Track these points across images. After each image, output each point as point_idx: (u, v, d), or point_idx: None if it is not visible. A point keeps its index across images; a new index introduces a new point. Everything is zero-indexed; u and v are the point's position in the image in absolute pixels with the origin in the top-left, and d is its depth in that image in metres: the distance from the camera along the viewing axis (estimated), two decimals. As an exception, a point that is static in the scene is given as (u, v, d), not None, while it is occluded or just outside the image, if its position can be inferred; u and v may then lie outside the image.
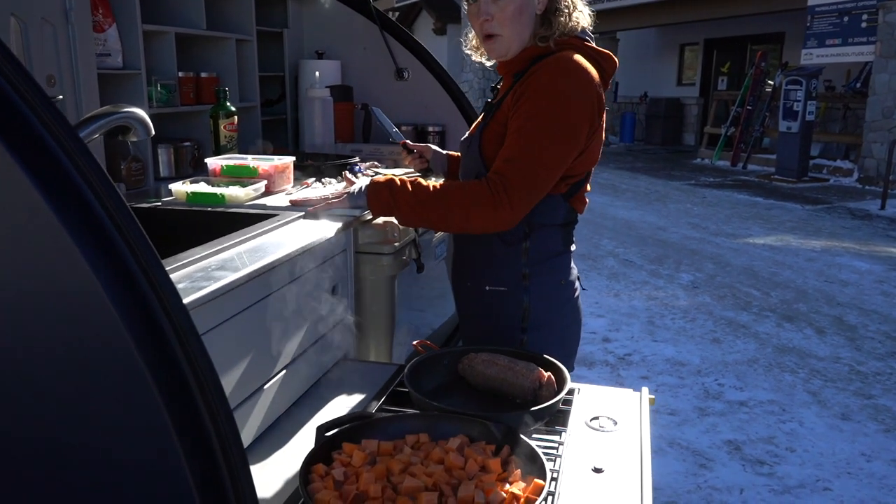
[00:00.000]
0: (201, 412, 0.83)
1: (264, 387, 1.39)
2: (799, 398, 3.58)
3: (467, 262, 1.75)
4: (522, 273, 1.68)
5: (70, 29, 1.88)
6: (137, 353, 0.78)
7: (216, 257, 1.35)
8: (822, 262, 6.19)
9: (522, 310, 1.70)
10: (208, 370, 0.84)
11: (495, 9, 1.54)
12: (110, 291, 0.78)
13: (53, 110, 0.78)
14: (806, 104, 10.39)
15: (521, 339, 1.71)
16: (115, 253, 0.80)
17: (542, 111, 1.50)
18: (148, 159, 2.19)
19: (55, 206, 0.76)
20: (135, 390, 0.80)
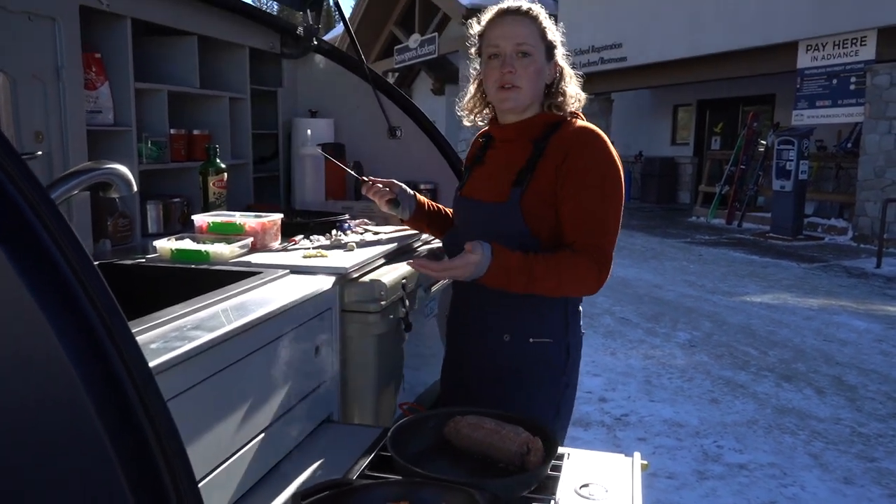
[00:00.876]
0: (164, 479, 0.79)
1: (241, 451, 1.34)
2: (800, 461, 3.49)
3: (503, 317, 1.76)
4: (565, 323, 1.78)
5: (60, 86, 1.89)
6: (97, 417, 0.75)
7: (194, 316, 1.31)
8: (820, 320, 6.15)
9: (566, 358, 1.79)
10: (174, 439, 0.80)
11: (520, 64, 1.68)
12: (71, 353, 0.74)
13: (23, 169, 0.76)
14: (798, 163, 10.52)
15: (565, 386, 1.80)
16: (78, 312, 0.77)
17: (606, 180, 1.66)
18: (136, 215, 2.18)
19: (18, 264, 0.73)
20: (92, 454, 0.76)
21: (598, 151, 1.67)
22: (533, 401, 1.77)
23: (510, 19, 1.71)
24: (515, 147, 1.75)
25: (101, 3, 1.99)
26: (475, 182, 1.84)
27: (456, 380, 1.93)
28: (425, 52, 18.34)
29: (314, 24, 2.92)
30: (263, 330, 1.39)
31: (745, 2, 11.38)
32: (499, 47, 1.69)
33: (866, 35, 10.04)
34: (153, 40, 2.44)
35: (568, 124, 1.73)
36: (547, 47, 1.72)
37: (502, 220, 1.69)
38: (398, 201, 1.94)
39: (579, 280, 1.64)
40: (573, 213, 1.65)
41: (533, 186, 1.67)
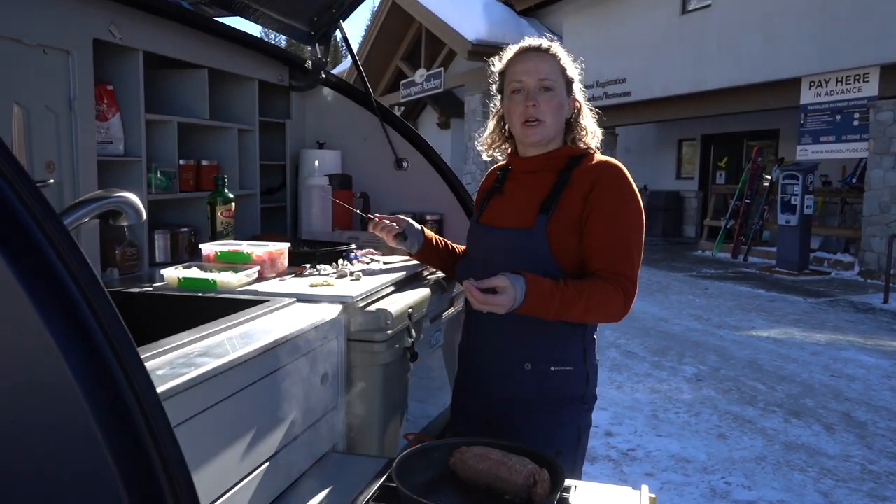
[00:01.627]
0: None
1: (246, 479, 1.32)
2: (810, 499, 3.44)
3: (523, 346, 1.77)
4: (583, 350, 1.81)
5: (73, 117, 1.91)
6: (105, 445, 0.75)
7: (201, 343, 1.31)
8: (828, 355, 6.10)
9: (586, 385, 1.81)
10: (180, 465, 0.80)
11: (543, 98, 1.74)
12: (80, 378, 0.75)
13: (38, 195, 0.77)
14: (804, 198, 10.53)
15: (586, 411, 1.84)
16: (87, 337, 0.77)
17: (632, 211, 1.73)
18: (143, 245, 2.19)
19: (30, 289, 0.74)
20: (99, 481, 0.75)
21: (624, 184, 1.74)
22: (558, 428, 1.79)
23: (533, 55, 1.78)
24: (539, 177, 1.80)
25: (114, 36, 2.03)
26: (495, 211, 1.86)
27: (472, 409, 1.91)
28: (431, 87, 18.56)
29: (322, 58, 2.97)
30: (269, 358, 1.39)
31: (749, 38, 11.52)
32: (522, 82, 1.75)
33: (869, 72, 10.13)
34: (164, 73, 2.48)
35: (591, 157, 1.81)
36: (566, 82, 1.79)
37: (527, 246, 1.72)
38: (405, 235, 1.96)
39: (606, 306, 1.67)
40: (600, 241, 1.70)
41: (558, 214, 1.72)
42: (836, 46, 10.28)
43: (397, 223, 1.97)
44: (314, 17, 2.83)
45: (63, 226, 0.79)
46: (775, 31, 11.11)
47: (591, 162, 1.79)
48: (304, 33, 2.88)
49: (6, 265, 0.73)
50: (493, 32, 15.86)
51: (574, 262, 1.73)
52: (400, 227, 1.96)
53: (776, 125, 13.87)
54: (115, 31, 2.02)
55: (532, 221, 1.73)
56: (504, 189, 1.89)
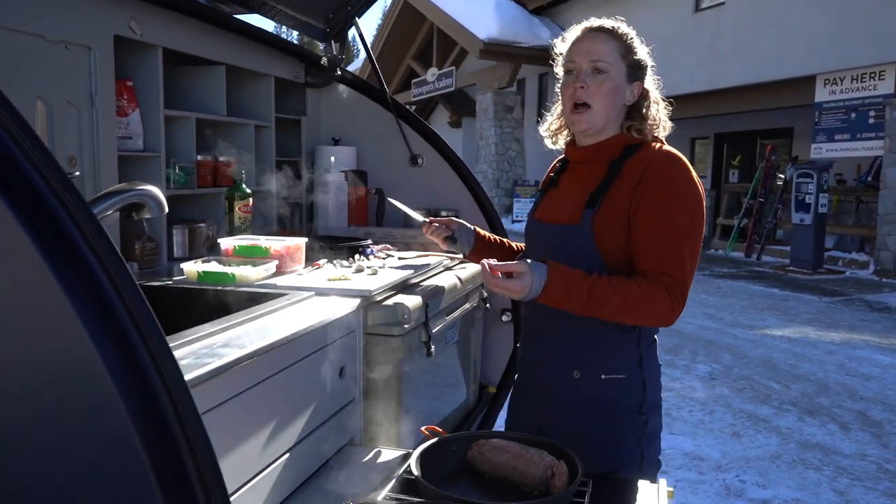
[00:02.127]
0: (196, 495, 0.80)
1: (266, 470, 1.34)
2: (826, 497, 3.42)
3: (571, 352, 1.67)
4: (639, 356, 1.68)
5: (94, 113, 1.94)
6: (134, 429, 0.76)
7: (222, 335, 1.33)
8: (843, 354, 6.05)
9: (642, 393, 1.68)
10: (206, 450, 0.81)
11: (593, 81, 1.62)
12: (110, 364, 0.76)
13: (71, 188, 0.78)
14: (818, 197, 10.46)
15: (644, 424, 1.69)
16: (117, 324, 0.78)
17: (683, 207, 1.59)
18: (162, 239, 2.21)
19: (62, 279, 0.75)
20: (128, 465, 0.77)
21: (676, 175, 1.61)
22: (614, 442, 1.66)
23: (591, 36, 1.67)
24: (591, 169, 1.69)
25: (135, 32, 2.05)
26: (548, 205, 1.78)
27: (526, 416, 1.82)
28: (443, 86, 18.57)
29: (338, 55, 2.98)
30: (289, 350, 1.41)
31: (763, 35, 11.45)
32: (574, 63, 1.65)
33: (885, 69, 10.04)
34: (183, 69, 2.50)
35: (648, 147, 1.67)
36: (628, 67, 1.66)
37: (573, 244, 1.63)
38: (455, 238, 1.92)
39: (647, 307, 1.53)
40: (646, 239, 1.58)
41: (605, 209, 1.61)
42: (851, 44, 10.20)
43: (448, 225, 1.93)
44: (330, 14, 2.84)
45: (93, 215, 0.80)
46: (789, 29, 11.04)
47: (646, 152, 1.64)
48: (319, 30, 2.90)
49: (38, 254, 0.74)
50: (505, 31, 15.84)
51: (622, 261, 1.61)
52: (450, 228, 1.92)
53: (790, 123, 13.77)
54: (136, 27, 2.04)
55: (578, 217, 1.63)
56: (559, 182, 1.79)
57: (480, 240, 1.96)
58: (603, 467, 1.58)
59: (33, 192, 0.77)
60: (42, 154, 0.77)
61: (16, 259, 0.74)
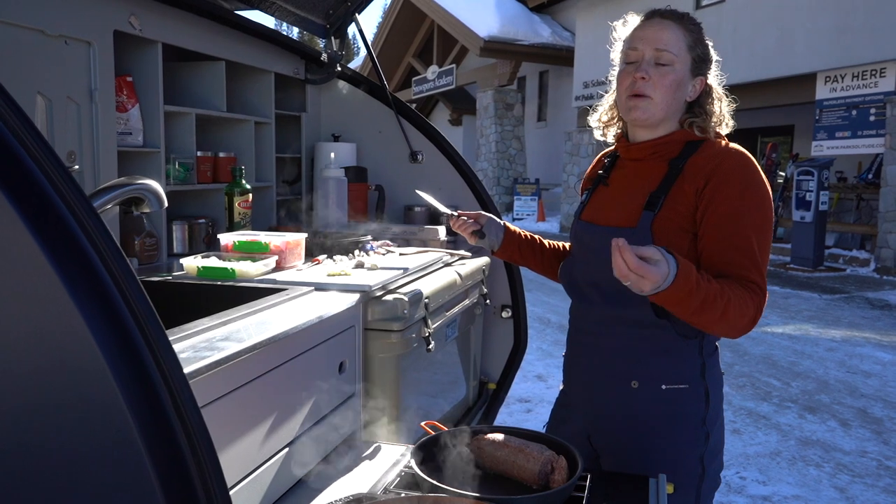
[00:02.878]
0: (195, 487, 0.80)
1: (266, 464, 1.34)
2: (826, 494, 3.42)
3: (629, 360, 1.57)
4: (702, 364, 1.57)
5: (94, 108, 1.93)
6: (134, 423, 0.76)
7: (222, 329, 1.33)
8: (843, 352, 6.05)
9: (705, 405, 1.57)
10: (206, 444, 0.81)
11: (655, 72, 1.51)
12: (111, 359, 0.76)
13: (71, 182, 0.78)
14: (819, 194, 10.45)
15: (705, 437, 1.58)
16: (117, 317, 0.78)
17: (756, 209, 1.47)
18: (162, 235, 2.21)
19: (62, 272, 0.75)
20: (127, 458, 0.77)
21: (746, 175, 1.49)
22: (673, 457, 1.56)
23: (657, 22, 1.54)
24: (647, 167, 1.57)
25: (135, 28, 2.05)
26: (599, 205, 1.65)
27: (573, 426, 1.72)
28: (443, 84, 18.56)
29: (338, 51, 2.98)
30: (289, 344, 1.41)
31: (764, 33, 11.44)
32: (637, 51, 1.53)
33: (885, 67, 10.04)
34: (183, 65, 2.50)
35: (711, 144, 1.55)
36: (694, 60, 1.54)
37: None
38: (483, 233, 1.81)
39: (739, 317, 1.40)
40: (720, 245, 1.46)
41: (666, 211, 1.49)
42: (852, 41, 10.19)
43: (477, 219, 1.82)
44: (329, 10, 2.84)
45: (93, 208, 0.80)
46: (790, 26, 11.03)
47: (709, 150, 1.52)
48: (319, 26, 2.90)
49: (39, 247, 0.74)
50: (506, 29, 15.84)
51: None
52: (479, 223, 1.81)
53: (791, 121, 13.76)
54: (136, 22, 2.04)
55: (636, 219, 1.51)
56: (610, 180, 1.66)
57: (511, 236, 1.84)
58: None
59: (34, 186, 0.77)
60: (43, 148, 0.77)
61: (16, 252, 0.74)
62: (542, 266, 1.88)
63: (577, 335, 1.69)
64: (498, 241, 1.83)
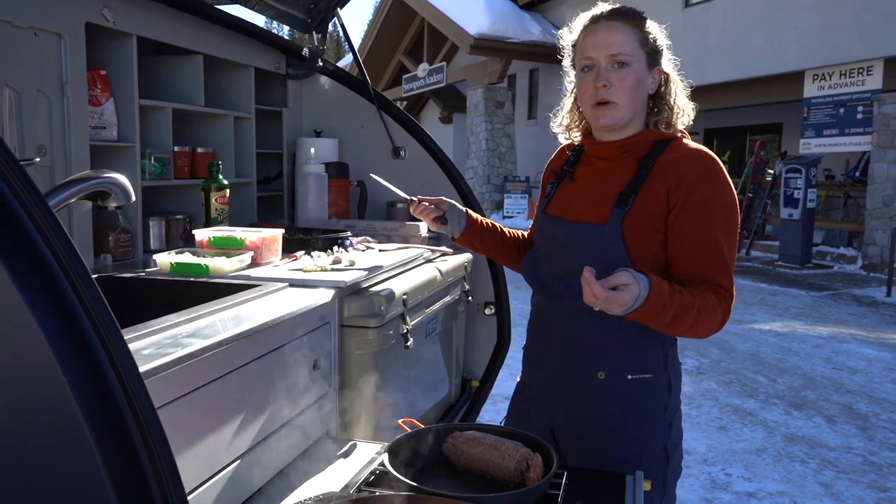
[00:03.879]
0: (151, 488, 0.77)
1: (236, 462, 1.31)
2: (811, 490, 3.42)
3: (596, 352, 1.58)
4: (664, 355, 1.60)
5: (65, 101, 1.90)
6: (85, 422, 0.73)
7: (189, 325, 1.30)
8: (830, 348, 6.07)
9: (668, 394, 1.60)
10: (162, 444, 0.78)
11: (615, 77, 1.51)
12: (61, 356, 0.73)
13: (21, 174, 0.76)
14: (806, 192, 10.49)
15: (668, 426, 1.60)
16: (67, 310, 0.75)
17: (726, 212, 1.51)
18: (138, 231, 2.18)
19: (11, 267, 0.72)
20: (79, 460, 0.74)
21: (716, 179, 1.51)
22: (639, 446, 1.58)
23: (604, 25, 1.54)
24: (616, 166, 1.58)
25: (108, 20, 2.01)
26: (565, 200, 1.65)
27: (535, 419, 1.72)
28: (433, 81, 18.52)
29: (319, 46, 2.95)
30: (260, 340, 1.38)
31: (752, 31, 11.47)
32: (592, 59, 1.53)
33: (873, 65, 10.08)
34: (159, 59, 2.46)
35: (678, 144, 1.57)
36: (648, 53, 1.55)
37: (599, 246, 1.52)
38: (446, 219, 1.78)
39: (708, 322, 1.45)
40: (692, 247, 1.49)
41: (636, 210, 1.51)
42: (840, 39, 10.23)
43: (438, 205, 1.78)
44: (311, 4, 2.81)
45: (41, 196, 0.78)
46: (778, 24, 11.07)
47: (677, 151, 1.55)
48: (300, 21, 2.86)
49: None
50: (496, 27, 15.81)
51: (651, 267, 1.49)
52: (441, 209, 1.78)
53: (779, 119, 13.81)
54: (108, 14, 2.00)
55: (606, 217, 1.52)
56: (576, 175, 1.66)
57: (472, 223, 1.81)
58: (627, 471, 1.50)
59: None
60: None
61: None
62: (502, 255, 1.87)
63: (543, 328, 1.69)
64: (460, 227, 1.80)
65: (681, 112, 1.61)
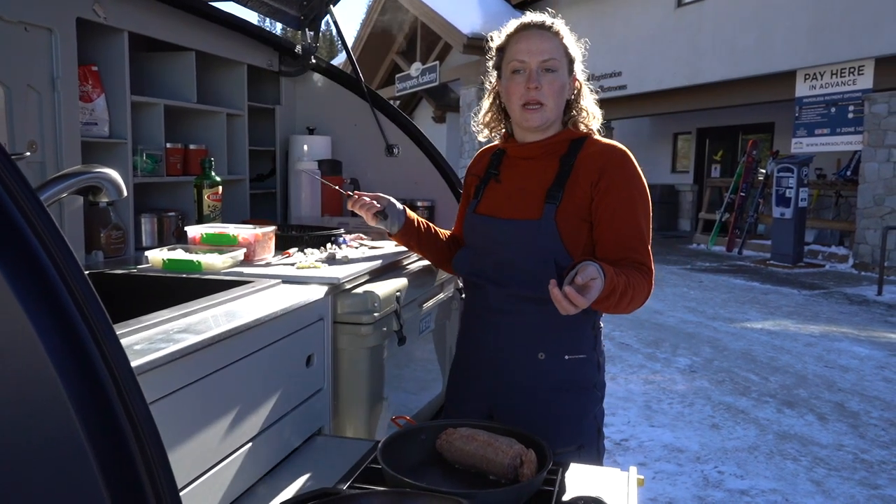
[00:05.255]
0: (143, 483, 0.76)
1: (228, 458, 1.30)
2: (802, 487, 3.43)
3: (535, 336, 1.71)
4: (594, 338, 1.77)
5: (56, 97, 1.89)
6: (76, 417, 0.72)
7: (181, 321, 1.29)
8: (821, 347, 6.10)
9: (597, 372, 1.77)
10: (154, 439, 0.77)
11: (545, 80, 1.65)
12: (52, 350, 0.72)
13: (12, 167, 0.75)
14: (798, 191, 10.54)
15: (598, 398, 1.79)
16: (58, 304, 0.75)
17: (642, 197, 1.67)
18: (129, 228, 2.16)
19: (2, 261, 0.71)
20: (70, 456, 0.73)
21: (632, 169, 1.68)
22: (578, 421, 1.74)
23: (536, 33, 1.68)
24: (539, 164, 1.71)
25: (99, 15, 2.00)
26: (494, 200, 1.76)
27: (474, 403, 1.82)
28: (427, 81, 18.50)
29: (312, 43, 2.94)
30: (252, 337, 1.37)
31: (744, 31, 11.50)
32: (523, 63, 1.66)
33: (864, 64, 10.13)
34: (151, 55, 2.45)
35: (593, 141, 1.73)
36: (569, 62, 1.71)
37: (536, 238, 1.64)
38: (386, 214, 1.84)
39: (640, 299, 1.61)
40: (617, 231, 1.64)
41: (566, 203, 1.64)
42: (831, 39, 10.27)
43: (378, 201, 1.85)
44: (304, 1, 2.80)
45: (31, 190, 0.77)
46: (770, 24, 11.10)
47: (594, 147, 1.70)
48: (293, 18, 2.85)
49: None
50: (489, 26, 15.78)
51: (584, 253, 1.65)
52: (381, 205, 1.84)
53: (771, 118, 13.87)
54: (99, 10, 1.99)
55: (539, 212, 1.65)
56: (501, 176, 1.78)
57: (410, 221, 1.89)
58: (568, 444, 1.70)
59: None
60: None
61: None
62: (436, 253, 1.97)
63: (484, 314, 1.77)
64: (399, 223, 1.88)
65: (592, 116, 1.76)
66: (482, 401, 1.80)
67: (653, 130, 16.97)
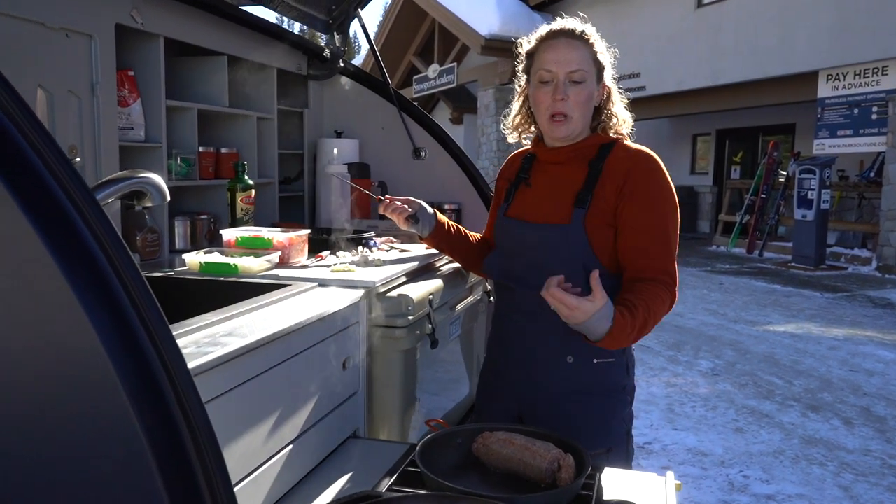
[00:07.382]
0: (199, 485, 0.78)
1: (269, 462, 1.32)
2: (830, 493, 3.40)
3: (563, 339, 1.69)
4: None
5: (95, 102, 1.92)
6: (136, 418, 0.74)
7: (225, 324, 1.31)
8: (846, 350, 6.04)
9: (626, 375, 1.77)
10: (210, 441, 0.79)
11: (573, 91, 1.64)
12: (112, 352, 0.74)
13: (74, 174, 0.77)
14: (820, 193, 10.43)
15: (627, 402, 1.78)
16: (119, 310, 0.76)
17: (668, 203, 1.67)
18: (164, 231, 2.19)
19: (63, 264, 0.73)
20: (131, 457, 0.75)
21: (660, 175, 1.67)
22: (607, 424, 1.75)
23: (564, 42, 1.67)
24: (568, 169, 1.72)
25: (136, 21, 2.03)
26: (525, 204, 1.78)
27: (504, 405, 1.84)
28: (444, 82, 18.52)
29: (340, 47, 2.96)
30: (293, 340, 1.39)
31: (765, 31, 11.41)
32: (551, 73, 1.65)
33: (887, 65, 10.01)
34: (184, 60, 2.48)
35: (622, 146, 1.72)
36: (598, 70, 1.70)
37: (565, 243, 1.65)
38: (417, 218, 1.90)
39: (659, 315, 1.60)
40: (640, 239, 1.63)
41: (594, 208, 1.65)
42: (854, 39, 10.16)
43: (409, 205, 1.90)
44: (332, 5, 2.82)
45: (95, 200, 0.79)
46: (792, 25, 11.00)
47: (623, 151, 1.70)
48: (321, 22, 2.88)
49: (40, 240, 0.72)
50: (507, 27, 15.79)
51: (612, 257, 1.67)
52: (412, 209, 1.90)
53: (792, 119, 13.73)
54: (137, 16, 2.02)
55: (568, 216, 1.66)
56: (531, 180, 1.80)
57: (441, 224, 1.95)
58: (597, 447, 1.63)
59: (36, 178, 0.75)
60: (45, 140, 0.76)
61: (17, 245, 0.72)
62: (466, 256, 2.01)
63: (514, 316, 1.79)
64: (430, 226, 1.93)
65: (622, 121, 1.76)
66: (512, 402, 1.82)
67: (672, 131, 16.86)
